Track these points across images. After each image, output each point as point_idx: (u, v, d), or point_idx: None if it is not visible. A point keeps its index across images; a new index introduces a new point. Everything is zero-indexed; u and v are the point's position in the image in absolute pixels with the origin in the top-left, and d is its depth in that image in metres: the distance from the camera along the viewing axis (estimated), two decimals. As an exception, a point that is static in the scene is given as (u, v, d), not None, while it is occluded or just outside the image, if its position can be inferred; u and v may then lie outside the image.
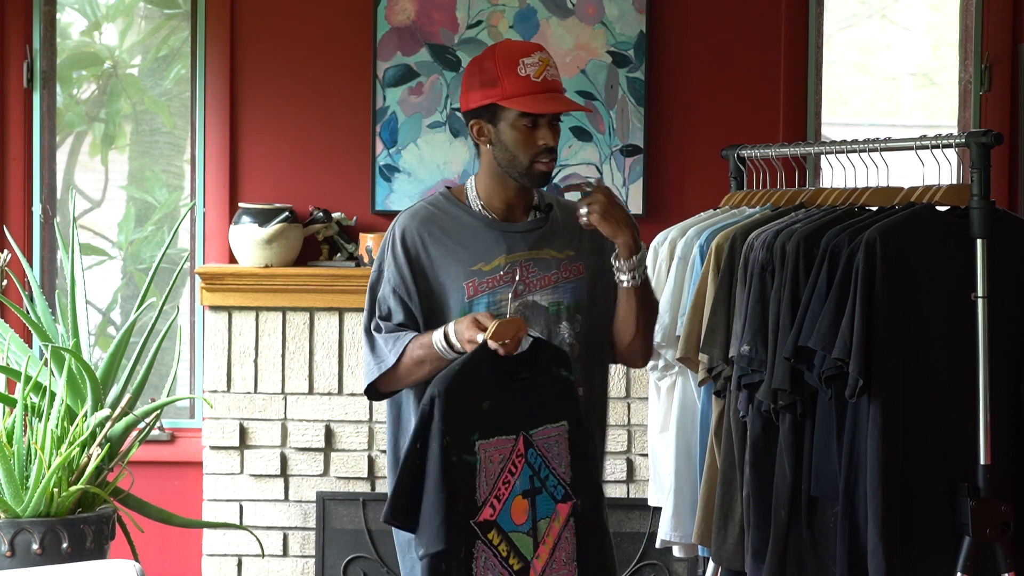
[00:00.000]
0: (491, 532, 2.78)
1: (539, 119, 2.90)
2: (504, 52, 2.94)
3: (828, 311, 3.06)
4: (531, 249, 2.98)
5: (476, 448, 2.76)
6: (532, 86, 2.89)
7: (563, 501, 2.87)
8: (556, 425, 2.87)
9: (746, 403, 3.33)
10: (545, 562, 2.85)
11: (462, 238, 2.96)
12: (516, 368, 2.83)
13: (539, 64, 2.91)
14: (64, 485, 4.07)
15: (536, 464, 2.84)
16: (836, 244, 3.13)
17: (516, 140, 2.92)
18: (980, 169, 3.13)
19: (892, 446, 3.04)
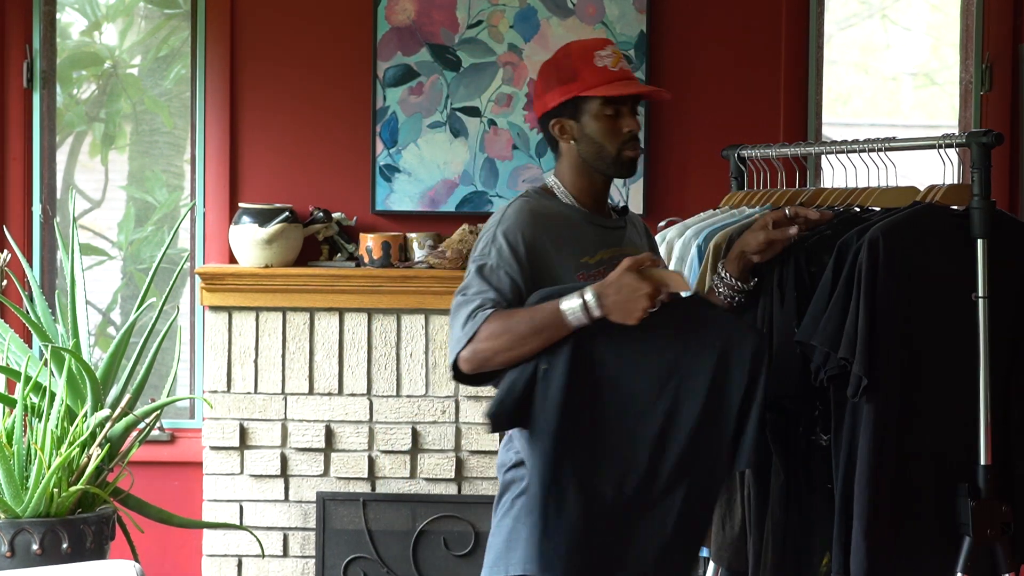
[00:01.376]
0: None
1: (621, 108, 2.93)
2: (579, 48, 2.96)
3: (833, 310, 3.05)
4: (622, 244, 3.03)
5: None
6: (611, 75, 2.92)
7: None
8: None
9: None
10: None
11: (565, 231, 2.94)
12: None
13: (613, 56, 2.94)
14: (64, 485, 4.07)
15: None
16: (844, 242, 3.13)
17: (601, 130, 2.94)
18: (980, 169, 3.12)
19: (885, 445, 3.03)
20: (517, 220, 2.89)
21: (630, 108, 2.95)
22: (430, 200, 4.85)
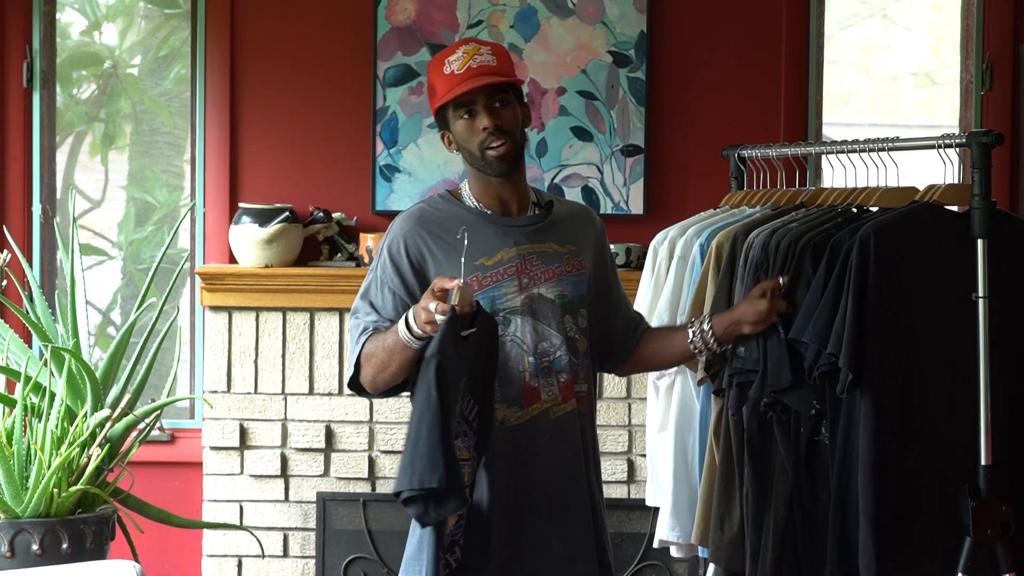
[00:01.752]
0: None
1: (473, 107, 2.93)
2: (434, 60, 2.99)
3: (824, 307, 3.06)
4: (532, 242, 2.99)
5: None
6: (456, 79, 2.92)
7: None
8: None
9: (737, 402, 3.33)
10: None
11: (461, 235, 2.95)
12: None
13: (463, 56, 2.93)
14: (64, 485, 4.07)
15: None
16: (837, 240, 3.13)
17: (463, 135, 2.95)
18: (981, 169, 3.12)
19: (885, 444, 3.03)
20: (401, 230, 2.98)
21: (485, 104, 2.92)
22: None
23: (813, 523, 3.21)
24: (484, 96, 2.92)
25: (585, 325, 3.02)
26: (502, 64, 2.95)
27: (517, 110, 2.97)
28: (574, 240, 3.05)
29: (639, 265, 4.67)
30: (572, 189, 4.84)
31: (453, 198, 3.03)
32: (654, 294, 3.82)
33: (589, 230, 3.10)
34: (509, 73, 2.96)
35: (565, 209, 3.09)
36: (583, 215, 3.13)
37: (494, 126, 2.92)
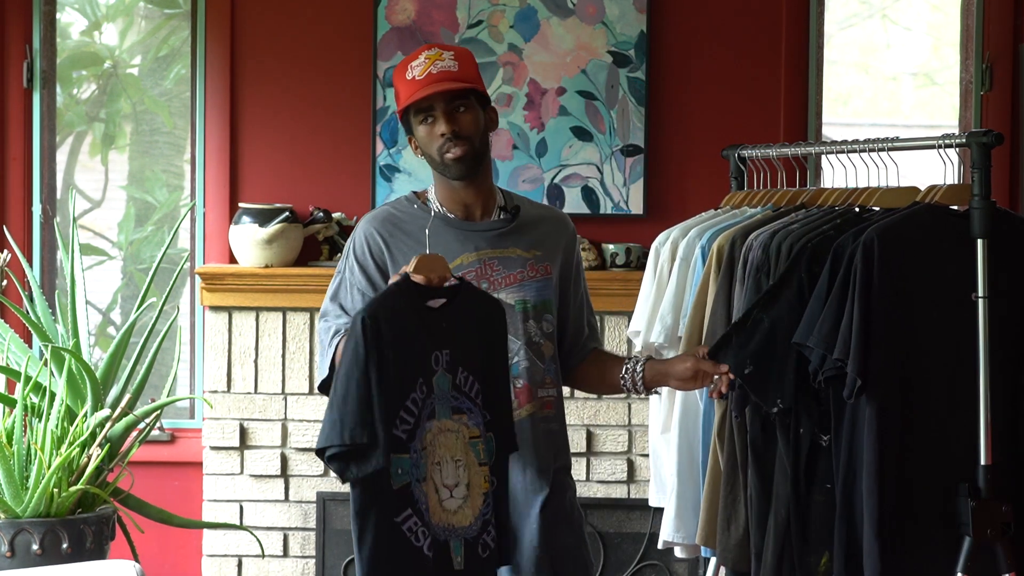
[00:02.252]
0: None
1: (434, 112, 2.94)
2: (398, 66, 3.00)
3: (829, 312, 3.05)
4: (493, 247, 3.00)
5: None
6: (416, 85, 2.94)
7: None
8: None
9: (740, 404, 3.33)
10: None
11: (423, 237, 2.97)
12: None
13: (424, 62, 2.95)
14: (64, 485, 4.07)
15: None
16: (840, 244, 3.13)
17: (424, 140, 2.98)
18: (981, 169, 3.12)
19: (888, 445, 3.03)
20: (365, 231, 3.00)
21: (443, 110, 2.94)
22: (430, 200, 4.84)
23: (809, 524, 3.21)
24: (443, 102, 2.94)
25: (551, 330, 3.03)
26: (464, 69, 2.96)
27: (479, 115, 2.98)
28: (541, 245, 3.05)
29: (639, 265, 4.67)
30: (572, 189, 4.84)
31: (419, 200, 3.05)
32: (656, 296, 3.81)
33: (560, 236, 3.09)
34: (470, 78, 2.97)
35: (535, 213, 3.09)
36: (554, 220, 3.12)
37: (451, 131, 2.94)
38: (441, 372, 2.78)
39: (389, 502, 2.70)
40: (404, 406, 2.73)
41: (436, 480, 2.76)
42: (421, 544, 2.72)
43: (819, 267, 3.19)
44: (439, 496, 2.76)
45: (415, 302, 2.78)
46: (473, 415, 2.80)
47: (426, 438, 2.75)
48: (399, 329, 2.75)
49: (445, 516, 2.76)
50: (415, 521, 2.72)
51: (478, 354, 2.82)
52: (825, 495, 3.19)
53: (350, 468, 2.69)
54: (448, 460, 2.77)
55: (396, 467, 2.71)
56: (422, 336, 2.77)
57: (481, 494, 2.79)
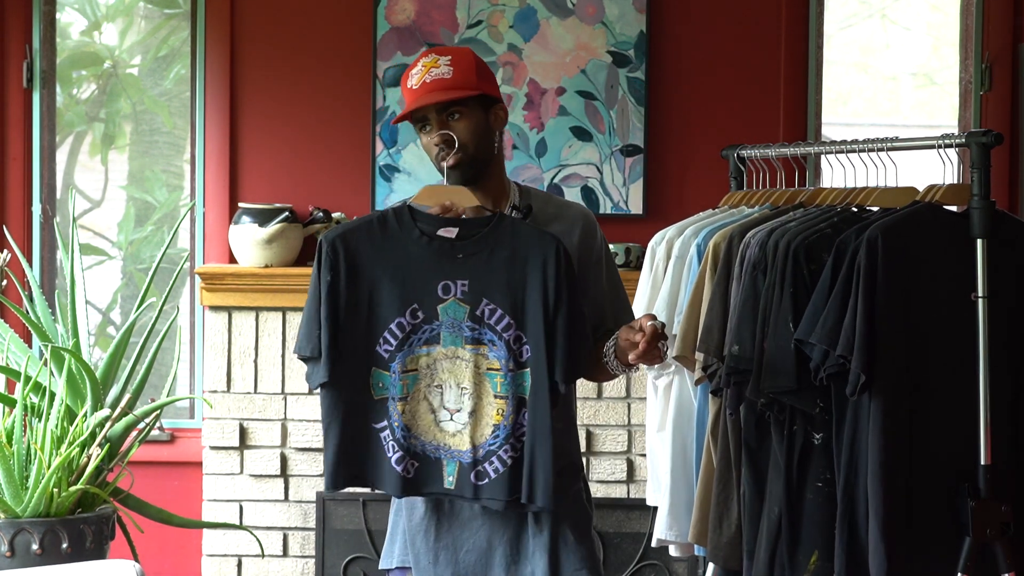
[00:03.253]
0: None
1: (427, 121, 2.95)
2: (404, 74, 3.00)
3: (832, 308, 3.06)
4: None
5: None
6: (412, 95, 2.95)
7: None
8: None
9: (735, 400, 3.33)
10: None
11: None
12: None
13: (421, 70, 2.95)
14: (64, 485, 4.07)
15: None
16: (843, 241, 3.14)
17: (424, 147, 2.99)
18: (980, 169, 3.13)
19: (893, 444, 3.03)
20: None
21: (436, 119, 2.94)
22: (430, 200, 4.84)
23: (800, 522, 3.21)
24: (435, 111, 2.94)
25: None
26: (459, 75, 2.94)
27: (477, 119, 2.95)
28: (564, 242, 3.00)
29: (638, 265, 4.67)
30: (571, 189, 4.84)
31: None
32: (652, 295, 3.82)
33: (573, 234, 3.03)
34: (465, 84, 2.94)
35: (550, 211, 3.05)
36: (569, 218, 3.06)
37: (442, 140, 2.94)
38: (453, 301, 2.81)
39: (371, 409, 2.83)
40: (388, 328, 2.81)
41: (433, 402, 2.83)
42: (391, 456, 2.82)
43: (814, 264, 3.20)
44: (435, 416, 2.83)
45: (412, 231, 2.83)
46: (497, 348, 2.81)
47: (420, 361, 2.82)
48: (379, 254, 2.82)
49: (441, 436, 2.83)
50: (387, 434, 2.83)
51: (513, 290, 2.81)
52: (816, 493, 3.19)
53: (310, 376, 2.85)
54: (452, 386, 2.82)
55: (377, 380, 2.82)
56: (423, 263, 2.82)
57: (491, 424, 2.81)
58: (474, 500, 2.84)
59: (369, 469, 2.84)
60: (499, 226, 2.84)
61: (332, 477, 2.84)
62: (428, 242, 2.83)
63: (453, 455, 2.83)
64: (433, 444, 2.83)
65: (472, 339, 2.81)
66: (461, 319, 2.81)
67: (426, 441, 2.83)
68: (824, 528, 3.18)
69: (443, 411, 2.83)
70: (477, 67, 2.98)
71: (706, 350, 3.48)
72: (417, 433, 2.83)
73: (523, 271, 2.82)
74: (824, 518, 3.18)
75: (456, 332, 2.81)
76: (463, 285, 2.81)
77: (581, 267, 3.02)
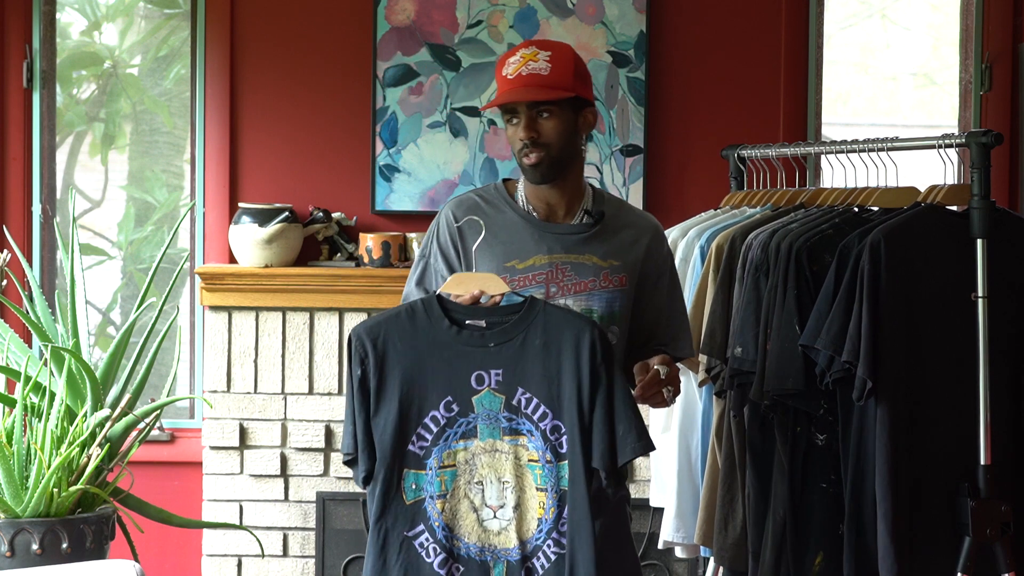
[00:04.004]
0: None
1: (516, 114, 2.91)
2: (500, 59, 2.96)
3: (837, 313, 3.05)
4: (570, 252, 2.94)
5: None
6: (505, 84, 2.91)
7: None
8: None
9: (738, 402, 3.33)
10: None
11: (501, 232, 2.95)
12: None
13: (519, 61, 2.91)
14: (64, 485, 4.07)
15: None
16: (846, 244, 3.13)
17: (509, 138, 2.96)
18: (980, 169, 3.13)
19: (899, 447, 3.03)
20: (446, 215, 3.00)
21: (526, 115, 2.90)
22: (430, 200, 4.85)
23: (805, 523, 3.21)
24: (526, 106, 2.90)
25: (615, 341, 2.94)
26: (556, 73, 2.89)
27: (565, 120, 2.91)
28: (619, 255, 2.97)
29: (639, 265, 4.67)
30: (572, 189, 4.83)
31: (506, 192, 3.03)
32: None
33: (641, 246, 3.00)
34: (560, 84, 2.89)
35: (622, 220, 3.01)
36: (638, 229, 3.02)
37: (529, 138, 2.90)
38: (488, 392, 2.72)
39: (402, 515, 2.74)
40: (422, 423, 2.72)
41: (475, 499, 2.73)
42: (432, 560, 2.73)
43: (817, 265, 3.19)
44: (478, 515, 2.74)
45: (442, 321, 2.75)
46: (535, 438, 2.72)
47: (458, 456, 2.73)
48: (409, 347, 2.73)
49: (485, 536, 2.74)
50: (427, 537, 2.73)
51: (548, 378, 2.73)
52: (820, 494, 3.19)
53: (357, 475, 2.79)
54: (493, 480, 2.73)
55: (410, 482, 2.73)
56: (455, 354, 2.73)
57: (536, 519, 2.73)
58: None
59: None
60: (530, 311, 2.76)
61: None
62: (458, 332, 2.74)
63: (500, 556, 2.74)
64: (477, 546, 2.73)
65: (510, 430, 2.72)
66: (497, 410, 2.72)
67: (470, 543, 2.73)
68: (828, 529, 3.18)
69: (486, 509, 2.73)
70: (575, 67, 2.93)
71: (709, 352, 3.48)
72: (460, 535, 2.73)
73: (557, 357, 2.73)
74: (828, 519, 3.18)
75: (493, 424, 2.72)
76: (497, 375, 2.73)
77: (644, 281, 2.98)
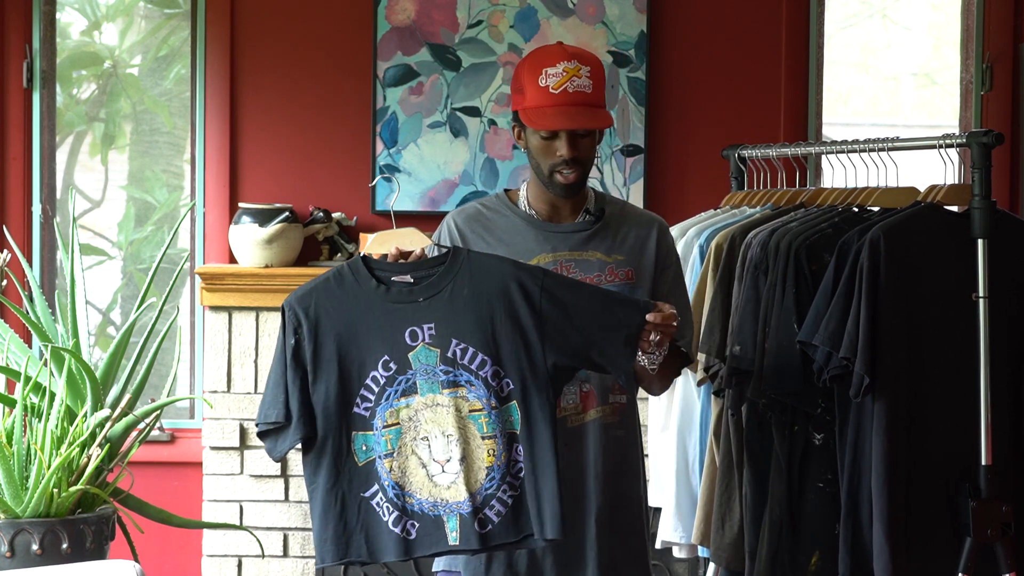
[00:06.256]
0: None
1: (559, 132, 2.86)
2: (531, 60, 2.91)
3: (835, 310, 3.05)
4: (573, 250, 2.93)
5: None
6: (549, 99, 2.85)
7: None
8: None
9: (738, 402, 3.33)
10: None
11: (504, 236, 2.94)
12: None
13: (562, 75, 2.85)
14: (64, 486, 4.06)
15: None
16: (845, 242, 3.13)
17: (538, 149, 2.90)
18: (981, 169, 3.13)
19: (896, 446, 3.03)
20: (448, 224, 2.99)
21: (570, 135, 2.86)
22: (430, 200, 4.85)
23: (803, 521, 3.21)
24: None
25: None
26: (597, 91, 2.87)
27: (597, 135, 2.91)
28: (623, 250, 2.97)
29: (639, 265, 4.67)
30: (572, 189, 4.83)
31: (509, 200, 3.01)
32: (654, 294, 3.81)
33: (645, 241, 2.99)
34: (602, 101, 2.89)
35: (623, 217, 3.00)
36: (641, 225, 3.01)
37: (571, 156, 2.87)
38: (423, 347, 2.72)
39: (357, 477, 2.74)
40: (363, 384, 2.73)
41: (422, 455, 2.73)
42: (387, 519, 2.73)
43: (815, 264, 3.20)
44: (427, 471, 2.73)
45: (369, 281, 2.76)
46: (475, 388, 2.72)
47: (401, 414, 2.73)
48: (340, 311, 2.75)
49: (436, 491, 2.73)
50: (381, 496, 2.73)
51: (482, 324, 2.72)
52: (817, 494, 3.19)
53: (276, 446, 2.77)
54: (438, 435, 2.72)
55: (360, 443, 2.74)
56: (386, 313, 2.74)
57: (484, 468, 2.72)
58: (482, 550, 2.74)
59: (366, 541, 2.73)
60: (455, 261, 2.76)
61: (322, 553, 2.73)
62: (387, 290, 2.75)
63: (452, 508, 2.73)
64: (430, 501, 2.73)
65: (449, 383, 2.72)
66: (433, 364, 2.73)
67: (422, 499, 2.73)
68: (825, 528, 3.18)
69: (433, 464, 2.73)
70: (605, 81, 2.92)
71: (708, 351, 3.48)
72: (411, 491, 2.73)
73: (488, 302, 2.73)
74: (825, 518, 3.18)
75: (431, 378, 2.73)
76: (430, 329, 2.73)
77: (652, 272, 2.97)
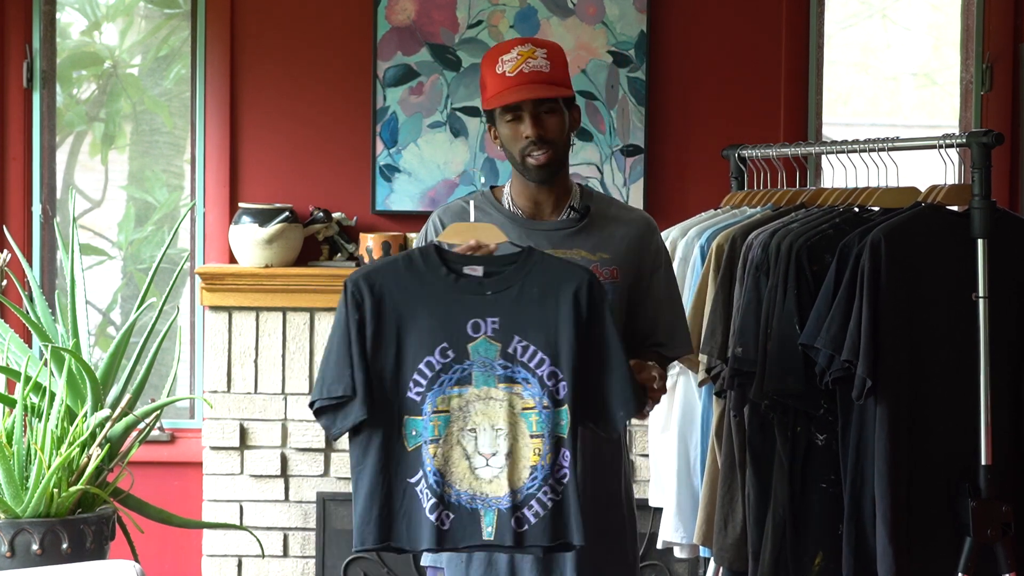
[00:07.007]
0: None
1: (520, 112, 2.90)
2: (489, 55, 2.96)
3: (837, 312, 3.05)
4: (556, 248, 2.94)
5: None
6: (506, 82, 2.90)
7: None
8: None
9: (739, 403, 3.33)
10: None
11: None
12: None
13: (517, 58, 2.90)
14: (64, 485, 4.07)
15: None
16: (846, 244, 3.13)
17: (507, 137, 2.94)
18: (981, 169, 3.13)
19: (899, 447, 3.03)
20: (433, 220, 3.03)
21: (531, 112, 2.89)
22: (430, 200, 4.84)
23: (805, 523, 3.21)
24: (531, 104, 2.89)
25: None
26: (555, 70, 2.91)
27: (564, 117, 2.94)
28: (608, 248, 2.98)
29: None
30: (572, 189, 4.84)
31: (493, 198, 3.04)
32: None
33: (632, 239, 3.00)
34: (561, 80, 2.92)
35: (609, 214, 3.02)
36: (627, 222, 3.03)
37: (537, 136, 2.90)
38: (484, 339, 2.72)
39: (404, 462, 2.72)
40: (417, 369, 2.73)
41: (467, 447, 2.72)
42: (425, 506, 2.71)
43: (817, 265, 3.20)
44: (471, 463, 2.72)
45: (439, 268, 2.76)
46: (531, 386, 2.71)
47: (452, 402, 2.72)
48: (405, 294, 2.74)
49: (477, 484, 2.72)
50: (423, 483, 2.72)
51: (546, 325, 2.72)
52: (820, 494, 3.19)
53: (335, 422, 2.77)
54: (487, 428, 2.71)
55: (410, 428, 2.72)
56: (451, 301, 2.74)
57: (528, 466, 2.71)
58: (515, 550, 2.72)
59: (404, 528, 2.72)
60: (527, 260, 2.77)
61: (362, 535, 2.71)
62: (456, 280, 2.75)
63: (491, 503, 2.71)
64: (468, 494, 2.71)
65: (505, 378, 2.72)
66: (493, 358, 2.72)
67: (461, 491, 2.71)
68: (828, 529, 3.18)
69: (478, 456, 2.71)
70: (567, 64, 2.96)
71: (709, 352, 3.48)
72: (451, 481, 2.71)
73: (555, 305, 2.73)
74: (828, 519, 3.18)
75: (488, 371, 2.72)
76: (494, 323, 2.73)
77: (638, 271, 2.98)
